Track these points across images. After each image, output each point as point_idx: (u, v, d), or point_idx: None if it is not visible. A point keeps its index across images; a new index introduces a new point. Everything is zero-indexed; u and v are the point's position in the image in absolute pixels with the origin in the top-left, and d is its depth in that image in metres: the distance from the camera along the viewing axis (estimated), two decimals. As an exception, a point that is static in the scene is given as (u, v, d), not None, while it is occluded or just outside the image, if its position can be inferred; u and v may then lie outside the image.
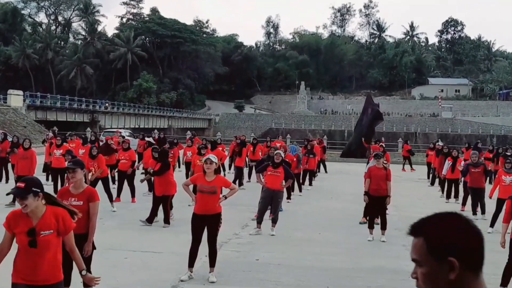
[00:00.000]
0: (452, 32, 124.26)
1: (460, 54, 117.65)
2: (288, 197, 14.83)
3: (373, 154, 11.55)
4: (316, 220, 12.64)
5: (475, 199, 13.51)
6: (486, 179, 14.34)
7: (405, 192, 17.78)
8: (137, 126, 63.61)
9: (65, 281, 5.63)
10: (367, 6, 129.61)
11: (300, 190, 17.07)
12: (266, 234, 10.60)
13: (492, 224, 11.40)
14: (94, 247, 5.75)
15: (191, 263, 7.41)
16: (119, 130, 35.01)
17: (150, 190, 13.64)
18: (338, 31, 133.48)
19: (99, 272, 6.24)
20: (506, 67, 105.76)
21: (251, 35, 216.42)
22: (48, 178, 16.82)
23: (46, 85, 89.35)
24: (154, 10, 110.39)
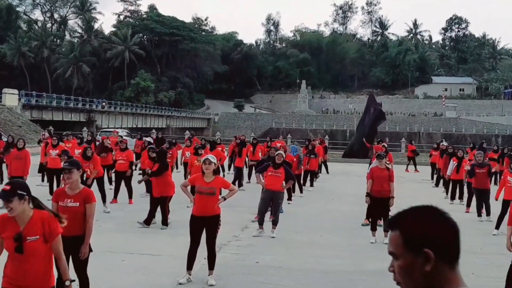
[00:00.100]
0: (456, 30, 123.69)
1: (465, 52, 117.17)
2: (288, 198, 14.74)
3: (375, 155, 11.38)
4: (317, 222, 12.55)
5: (480, 201, 13.34)
6: (491, 180, 14.14)
7: (408, 193, 17.58)
8: (134, 126, 63.24)
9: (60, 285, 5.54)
10: (369, 3, 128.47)
11: (301, 191, 16.94)
12: (266, 236, 10.54)
13: (498, 226, 11.29)
14: (91, 249, 5.72)
15: (190, 266, 7.33)
16: (116, 130, 34.73)
17: (148, 191, 13.49)
18: (340, 28, 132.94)
19: (96, 275, 6.24)
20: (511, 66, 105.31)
21: (251, 33, 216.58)
22: (44, 179, 16.64)
23: (42, 84, 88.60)
24: (152, 8, 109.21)
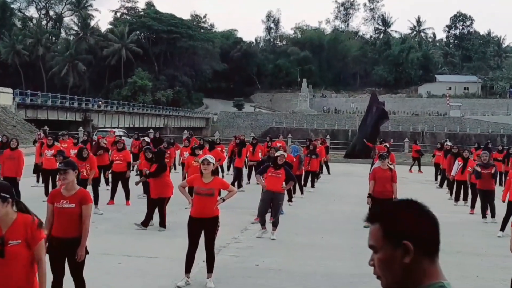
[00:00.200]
0: (460, 27, 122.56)
1: (469, 50, 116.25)
2: (289, 199, 14.64)
3: (378, 155, 11.23)
4: (318, 224, 12.47)
5: (485, 202, 13.15)
6: (495, 181, 13.95)
7: (412, 194, 17.27)
8: (131, 125, 62.88)
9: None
10: (372, 0, 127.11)
11: (302, 192, 16.81)
12: (267, 238, 10.46)
13: (503, 228, 11.16)
14: (87, 251, 5.68)
15: (188, 269, 7.30)
16: (113, 130, 34.43)
17: (145, 192, 13.31)
18: (342, 26, 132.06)
19: (92, 277, 6.23)
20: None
21: (251, 31, 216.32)
22: (39, 180, 16.37)
23: (37, 82, 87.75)
24: (149, 4, 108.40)
